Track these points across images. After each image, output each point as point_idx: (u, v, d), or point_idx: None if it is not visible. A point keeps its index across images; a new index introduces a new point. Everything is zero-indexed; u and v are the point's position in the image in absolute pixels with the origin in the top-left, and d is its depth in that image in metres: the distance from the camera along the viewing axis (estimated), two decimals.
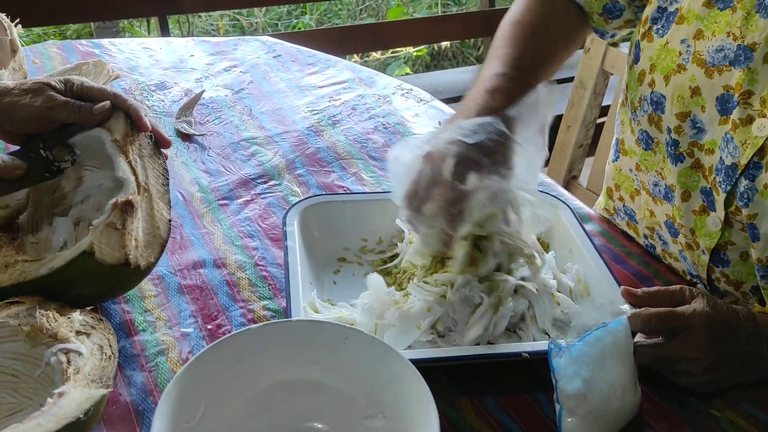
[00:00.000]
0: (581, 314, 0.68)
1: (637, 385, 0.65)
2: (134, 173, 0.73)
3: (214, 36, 3.42)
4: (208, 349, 0.60)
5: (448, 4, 4.14)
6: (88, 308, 0.66)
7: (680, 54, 0.77)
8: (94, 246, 0.65)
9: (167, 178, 0.77)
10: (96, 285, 0.68)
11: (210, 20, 3.45)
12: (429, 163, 0.70)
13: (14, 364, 0.62)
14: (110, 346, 0.63)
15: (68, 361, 0.58)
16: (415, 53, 3.75)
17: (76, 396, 0.54)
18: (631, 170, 0.90)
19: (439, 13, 4.01)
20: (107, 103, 0.76)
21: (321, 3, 3.63)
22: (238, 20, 3.53)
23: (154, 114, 1.12)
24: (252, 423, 0.61)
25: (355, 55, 3.36)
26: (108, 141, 0.75)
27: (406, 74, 3.55)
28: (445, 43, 3.82)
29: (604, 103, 1.55)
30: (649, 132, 0.82)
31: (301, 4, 3.56)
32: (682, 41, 0.77)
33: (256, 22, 3.55)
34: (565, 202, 0.88)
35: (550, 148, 1.88)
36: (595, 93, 1.48)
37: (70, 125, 0.77)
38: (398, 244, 0.84)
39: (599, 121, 1.59)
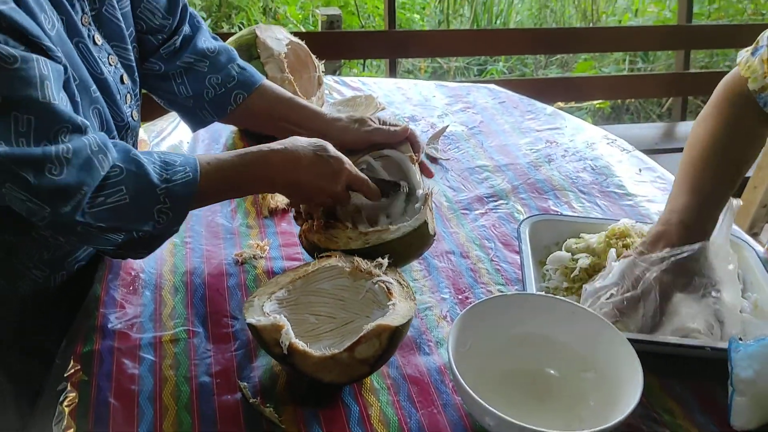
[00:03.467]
0: (760, 326, 0.88)
1: None
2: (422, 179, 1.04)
3: (415, 74, 3.83)
4: (477, 305, 0.87)
5: (636, 61, 4.25)
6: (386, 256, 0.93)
7: None
8: (427, 218, 0.95)
9: None
10: (417, 248, 0.99)
11: (413, 61, 3.87)
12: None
13: (342, 292, 0.92)
14: (404, 280, 0.90)
15: (387, 288, 0.88)
16: (597, 105, 3.91)
17: (403, 305, 0.83)
18: None
19: (626, 69, 4.15)
20: (406, 126, 1.09)
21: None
22: (438, 62, 3.92)
23: None
24: (501, 360, 0.87)
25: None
26: (404, 157, 1.06)
27: None
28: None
29: None
30: None
31: None
32: None
33: (453, 66, 3.91)
34: (749, 245, 1.07)
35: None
36: None
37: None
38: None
39: None
